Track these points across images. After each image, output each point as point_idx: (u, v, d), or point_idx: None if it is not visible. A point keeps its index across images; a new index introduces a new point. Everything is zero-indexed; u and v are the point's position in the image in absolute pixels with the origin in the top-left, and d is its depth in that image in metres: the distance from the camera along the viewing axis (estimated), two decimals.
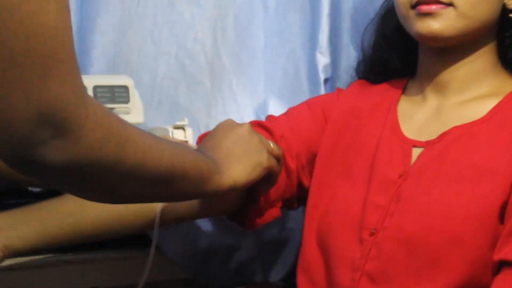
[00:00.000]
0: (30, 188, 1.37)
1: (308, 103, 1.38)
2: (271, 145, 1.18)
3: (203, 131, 1.65)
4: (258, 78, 1.73)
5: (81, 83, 0.79)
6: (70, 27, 0.74)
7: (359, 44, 1.43)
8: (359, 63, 1.43)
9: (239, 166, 1.10)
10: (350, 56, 1.51)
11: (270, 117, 1.38)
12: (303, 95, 1.67)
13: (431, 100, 1.28)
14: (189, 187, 0.99)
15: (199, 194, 1.07)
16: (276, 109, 1.66)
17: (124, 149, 0.82)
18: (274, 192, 1.28)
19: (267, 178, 1.18)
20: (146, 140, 0.87)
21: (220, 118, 1.63)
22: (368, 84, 1.39)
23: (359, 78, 1.42)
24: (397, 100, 1.31)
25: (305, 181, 1.32)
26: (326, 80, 1.66)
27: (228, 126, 1.17)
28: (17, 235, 1.10)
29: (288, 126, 1.33)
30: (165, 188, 0.95)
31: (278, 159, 1.19)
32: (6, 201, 1.34)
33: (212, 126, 1.64)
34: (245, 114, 1.72)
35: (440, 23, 1.20)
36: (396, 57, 1.36)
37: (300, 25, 1.70)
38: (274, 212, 1.32)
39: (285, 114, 1.37)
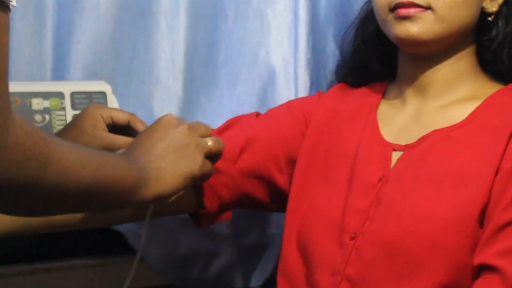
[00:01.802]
0: None
1: (288, 105, 1.36)
2: (210, 143, 1.11)
3: None
4: (233, 85, 1.69)
5: (4, 103, 0.78)
6: None
7: (338, 48, 1.41)
8: (338, 67, 1.41)
9: (168, 177, 1.03)
10: (329, 61, 1.49)
11: (243, 118, 1.35)
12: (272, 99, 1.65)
13: (411, 103, 1.26)
14: (111, 201, 0.97)
15: (122, 205, 1.02)
16: None
17: (45, 170, 0.81)
18: (223, 198, 1.29)
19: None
20: (70, 158, 0.85)
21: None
22: (348, 88, 1.37)
23: (339, 81, 1.39)
24: (377, 104, 1.30)
25: (282, 184, 1.30)
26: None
27: (165, 125, 1.10)
28: None
29: (267, 127, 1.31)
30: (86, 204, 0.94)
31: (217, 154, 1.14)
32: None
33: None
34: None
35: (418, 27, 1.18)
36: (375, 61, 1.34)
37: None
38: (225, 217, 1.33)
39: (265, 115, 1.35)
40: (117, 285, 1.22)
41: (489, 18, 1.23)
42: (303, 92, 1.59)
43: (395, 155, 1.21)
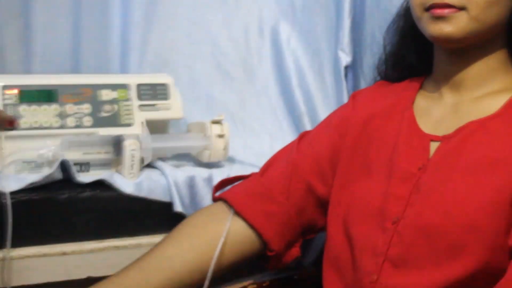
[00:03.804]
0: (79, 180, 1.39)
1: (327, 122, 1.39)
2: None
3: (238, 124, 1.73)
4: (289, 73, 1.75)
5: None
6: None
7: (379, 42, 1.42)
8: (380, 60, 1.41)
9: None
10: (374, 54, 1.50)
11: (282, 155, 1.38)
12: (327, 89, 1.74)
13: (447, 97, 1.26)
14: None
15: None
16: (303, 101, 1.73)
17: None
18: (286, 237, 1.31)
19: None
20: None
21: (253, 110, 1.76)
22: (386, 84, 1.38)
23: (380, 75, 1.41)
24: (414, 98, 1.30)
25: (323, 193, 1.32)
26: (347, 73, 1.69)
27: None
28: None
29: (309, 152, 1.35)
30: None
31: None
32: (57, 194, 1.38)
33: (246, 119, 1.75)
34: (277, 106, 1.75)
35: (452, 26, 1.17)
36: (413, 54, 1.34)
37: (325, 25, 1.73)
38: (294, 253, 1.34)
39: (306, 139, 1.38)
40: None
41: None
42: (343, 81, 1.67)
43: (433, 146, 1.21)
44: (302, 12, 1.77)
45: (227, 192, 1.36)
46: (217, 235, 1.28)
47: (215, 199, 1.37)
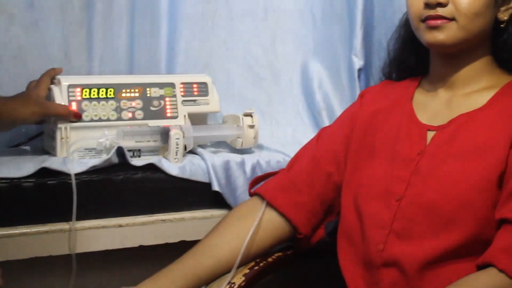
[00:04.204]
0: (132, 163, 1.44)
1: (340, 119, 1.42)
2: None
3: (266, 117, 1.76)
4: (310, 75, 1.78)
5: None
6: None
7: (385, 48, 1.43)
8: (384, 64, 1.44)
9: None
10: (380, 58, 1.52)
11: (304, 151, 1.41)
12: (343, 88, 1.78)
13: (441, 93, 1.29)
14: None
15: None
16: (322, 99, 1.77)
17: None
18: (312, 221, 1.35)
19: None
20: None
21: (279, 107, 1.79)
22: (390, 83, 1.40)
23: (384, 75, 1.43)
24: (412, 94, 1.33)
25: (340, 180, 1.35)
26: (359, 75, 1.71)
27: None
28: None
29: (328, 145, 1.38)
30: None
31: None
32: (114, 175, 1.43)
33: (272, 114, 1.79)
34: (299, 103, 1.79)
35: (444, 35, 1.22)
36: (412, 58, 1.37)
37: (341, 33, 1.75)
38: (319, 234, 1.37)
39: (323, 136, 1.41)
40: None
41: (502, 25, 1.26)
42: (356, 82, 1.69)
43: (430, 134, 1.25)
44: (322, 22, 1.78)
45: (261, 187, 1.38)
46: (252, 223, 1.31)
47: (251, 194, 1.39)
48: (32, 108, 1.38)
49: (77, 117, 1.44)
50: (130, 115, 1.51)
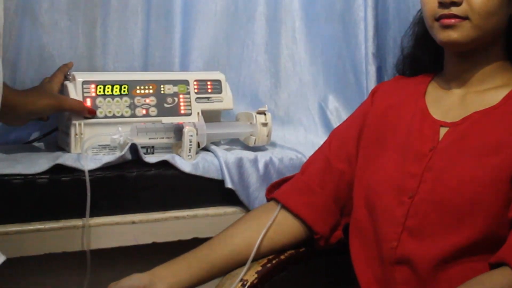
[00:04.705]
0: (146, 160, 1.44)
1: (351, 118, 1.42)
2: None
3: (277, 117, 1.75)
4: (323, 76, 1.77)
5: None
6: None
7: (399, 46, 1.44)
8: (398, 60, 1.44)
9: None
10: (396, 55, 1.50)
11: (317, 155, 1.41)
12: (355, 88, 1.77)
13: (455, 90, 1.29)
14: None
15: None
16: (336, 98, 1.77)
17: None
18: (328, 221, 1.34)
19: None
20: None
21: (291, 107, 1.79)
22: (403, 78, 1.40)
23: (398, 72, 1.43)
24: (425, 90, 1.32)
25: (352, 177, 1.34)
26: (381, 74, 1.70)
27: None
28: (177, 281, 1.24)
29: (339, 148, 1.38)
30: None
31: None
32: (128, 172, 1.43)
33: (285, 113, 1.78)
34: (312, 103, 1.78)
35: (458, 33, 1.22)
36: (426, 56, 1.37)
37: (351, 33, 1.74)
38: (338, 235, 1.37)
39: (337, 137, 1.40)
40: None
41: None
42: (371, 81, 1.69)
43: (442, 131, 1.25)
44: (333, 21, 1.78)
45: (276, 192, 1.38)
46: (267, 221, 1.32)
47: (268, 200, 1.40)
48: (47, 101, 1.38)
49: (91, 113, 1.45)
50: (144, 112, 1.51)
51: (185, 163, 1.48)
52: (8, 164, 1.37)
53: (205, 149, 1.56)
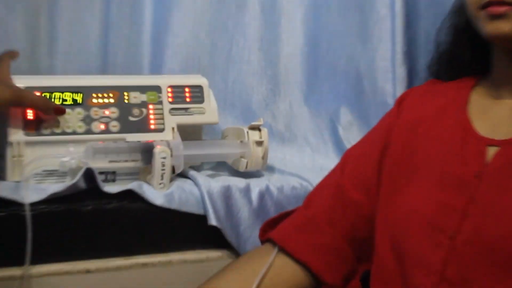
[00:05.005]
0: (105, 190, 1.41)
1: (371, 138, 1.40)
2: None
3: (275, 133, 1.75)
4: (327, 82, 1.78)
5: None
6: None
7: (430, 41, 1.43)
8: (432, 59, 1.42)
9: None
10: (429, 53, 1.49)
11: (323, 187, 1.40)
12: (377, 93, 1.75)
13: (506, 98, 1.25)
14: None
15: None
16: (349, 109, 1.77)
17: None
18: (341, 268, 1.32)
19: None
20: None
21: (293, 120, 1.78)
22: (437, 83, 1.38)
23: (432, 74, 1.42)
24: (467, 98, 1.30)
25: (373, 212, 1.32)
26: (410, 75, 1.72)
27: None
28: None
29: (355, 173, 1.35)
30: None
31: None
32: (81, 206, 1.40)
33: (286, 129, 1.78)
34: (318, 120, 1.78)
35: (510, 25, 1.18)
36: (468, 53, 1.35)
37: (371, 26, 1.76)
38: (354, 285, 1.34)
39: (352, 160, 1.38)
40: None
41: None
42: (400, 86, 1.68)
43: (490, 151, 1.19)
44: (339, 12, 1.79)
45: (273, 231, 1.37)
46: (261, 268, 1.30)
47: (262, 241, 1.39)
48: (3, 95, 1.37)
49: (58, 112, 1.44)
50: (102, 127, 1.49)
51: (156, 194, 1.46)
52: None
53: (182, 175, 1.55)
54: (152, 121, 1.52)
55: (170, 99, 1.55)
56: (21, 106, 1.42)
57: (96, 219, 1.41)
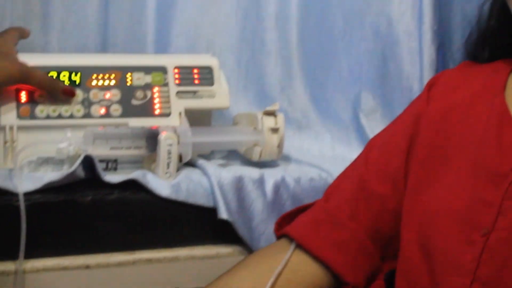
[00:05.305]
0: (106, 179, 1.43)
1: (398, 126, 1.41)
2: None
3: (292, 119, 1.77)
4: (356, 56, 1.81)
5: None
6: None
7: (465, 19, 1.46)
8: (469, 37, 1.44)
9: None
10: (455, 34, 1.57)
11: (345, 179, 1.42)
12: (404, 75, 1.79)
13: None
14: None
15: None
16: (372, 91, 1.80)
17: None
18: (363, 267, 1.34)
19: None
20: None
21: (311, 106, 1.81)
22: (472, 65, 1.40)
23: (468, 55, 1.44)
24: (505, 83, 1.31)
25: (399, 207, 1.34)
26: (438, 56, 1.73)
27: None
28: None
29: (380, 164, 1.37)
30: None
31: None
32: (80, 196, 1.42)
33: (304, 114, 1.80)
34: (338, 106, 1.81)
35: None
36: (509, 33, 1.37)
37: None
38: (377, 286, 1.36)
39: (377, 149, 1.40)
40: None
41: None
42: (428, 69, 1.70)
43: None
44: None
45: (290, 226, 1.38)
46: (276, 266, 1.31)
47: (278, 237, 1.41)
48: (9, 67, 1.41)
49: (68, 94, 1.47)
50: (103, 111, 1.51)
51: (162, 184, 1.47)
52: None
53: (190, 164, 1.56)
54: (157, 105, 1.54)
55: (177, 81, 1.56)
56: (26, 84, 1.45)
57: (96, 210, 1.42)
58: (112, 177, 1.46)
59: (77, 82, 1.50)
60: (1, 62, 1.40)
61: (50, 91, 1.46)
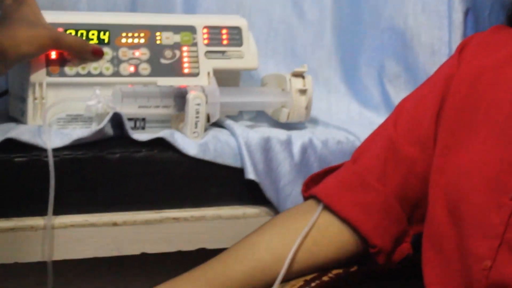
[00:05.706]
0: (134, 137, 1.44)
1: (428, 88, 1.41)
2: None
3: (321, 82, 1.77)
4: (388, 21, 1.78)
5: None
6: None
7: None
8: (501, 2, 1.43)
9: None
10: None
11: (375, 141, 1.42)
12: (434, 36, 1.76)
13: None
14: None
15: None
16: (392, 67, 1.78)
17: None
18: (390, 230, 1.35)
19: None
20: None
21: (340, 70, 1.81)
22: (505, 28, 1.39)
23: (498, 20, 1.44)
24: None
25: (428, 170, 1.34)
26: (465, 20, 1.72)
27: None
28: None
29: (410, 126, 1.37)
30: None
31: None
32: (108, 153, 1.43)
33: (332, 77, 1.80)
34: (363, 72, 1.80)
35: None
36: None
37: None
38: (404, 249, 1.37)
39: (407, 111, 1.40)
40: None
41: None
42: (457, 33, 1.70)
43: None
44: None
45: (317, 187, 1.39)
46: (304, 226, 1.33)
47: (305, 198, 1.42)
48: (43, 34, 1.40)
49: (97, 54, 1.47)
50: (131, 69, 1.51)
51: (189, 143, 1.48)
52: None
53: (218, 124, 1.57)
54: (186, 65, 1.54)
55: (205, 41, 1.56)
56: (57, 49, 1.45)
57: (124, 168, 1.44)
58: (140, 135, 1.47)
59: (106, 41, 1.50)
60: (31, 31, 1.38)
61: (80, 52, 1.46)
